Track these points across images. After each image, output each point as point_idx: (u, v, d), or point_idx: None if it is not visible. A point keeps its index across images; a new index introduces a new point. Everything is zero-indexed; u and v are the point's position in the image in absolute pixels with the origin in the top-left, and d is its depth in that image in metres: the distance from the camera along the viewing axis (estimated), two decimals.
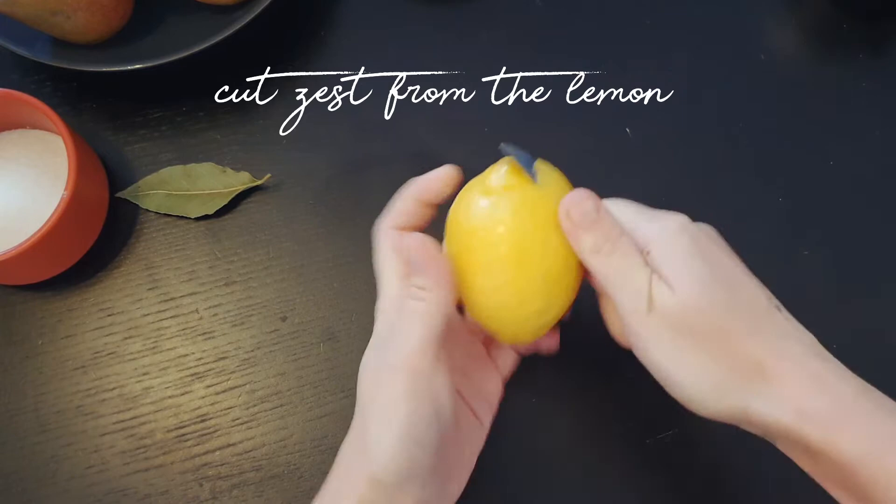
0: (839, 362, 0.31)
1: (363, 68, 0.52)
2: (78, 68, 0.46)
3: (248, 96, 0.51)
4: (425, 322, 0.31)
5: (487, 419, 0.36)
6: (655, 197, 0.45)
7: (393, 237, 0.35)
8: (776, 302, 0.32)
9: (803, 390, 0.29)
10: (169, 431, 0.44)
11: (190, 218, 0.48)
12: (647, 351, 0.31)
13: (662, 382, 0.32)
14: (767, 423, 0.30)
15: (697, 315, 0.30)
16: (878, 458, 0.28)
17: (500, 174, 0.34)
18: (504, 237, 0.33)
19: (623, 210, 0.34)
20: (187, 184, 0.48)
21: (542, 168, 0.35)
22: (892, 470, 0.28)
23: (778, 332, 0.30)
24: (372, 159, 0.50)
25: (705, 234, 0.32)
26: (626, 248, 0.32)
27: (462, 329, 0.37)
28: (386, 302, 0.34)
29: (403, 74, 0.52)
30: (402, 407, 0.30)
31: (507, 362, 0.38)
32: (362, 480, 0.31)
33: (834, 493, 0.30)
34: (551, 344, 0.37)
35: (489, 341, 0.38)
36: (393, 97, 0.51)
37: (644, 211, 0.34)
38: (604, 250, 0.32)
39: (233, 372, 0.45)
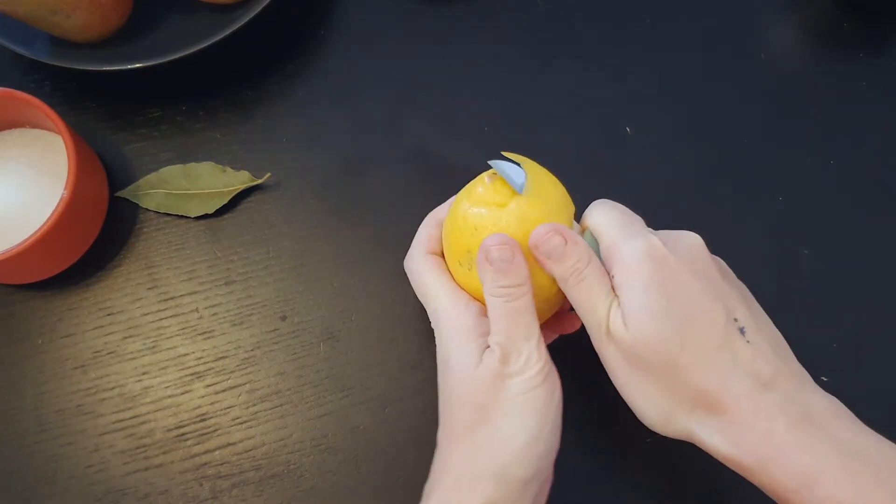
0: (787, 389, 0.32)
1: (363, 68, 0.52)
2: (77, 67, 0.46)
3: (248, 96, 0.51)
4: (531, 315, 0.34)
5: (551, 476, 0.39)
6: (655, 197, 0.45)
7: (431, 261, 0.38)
8: (741, 323, 0.32)
9: (742, 424, 0.31)
10: (169, 431, 0.44)
11: (190, 217, 0.48)
12: (609, 373, 0.34)
13: (625, 400, 0.35)
14: (710, 450, 0.32)
15: (646, 349, 0.32)
16: (809, 489, 0.30)
17: (485, 186, 0.36)
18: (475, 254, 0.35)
19: (605, 220, 0.35)
20: (187, 183, 0.48)
21: (535, 175, 0.36)
22: (822, 498, 0.29)
23: (728, 364, 0.32)
24: (372, 159, 0.50)
25: (676, 257, 0.33)
26: (592, 278, 0.34)
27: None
28: (448, 316, 0.36)
29: (403, 74, 0.52)
30: (537, 395, 0.32)
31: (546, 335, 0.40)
32: (488, 480, 0.31)
33: None
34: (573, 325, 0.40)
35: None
36: (393, 96, 0.51)
37: (625, 225, 0.35)
38: (570, 282, 0.34)
39: (232, 371, 0.45)
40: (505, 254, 0.34)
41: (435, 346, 0.46)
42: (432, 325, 0.37)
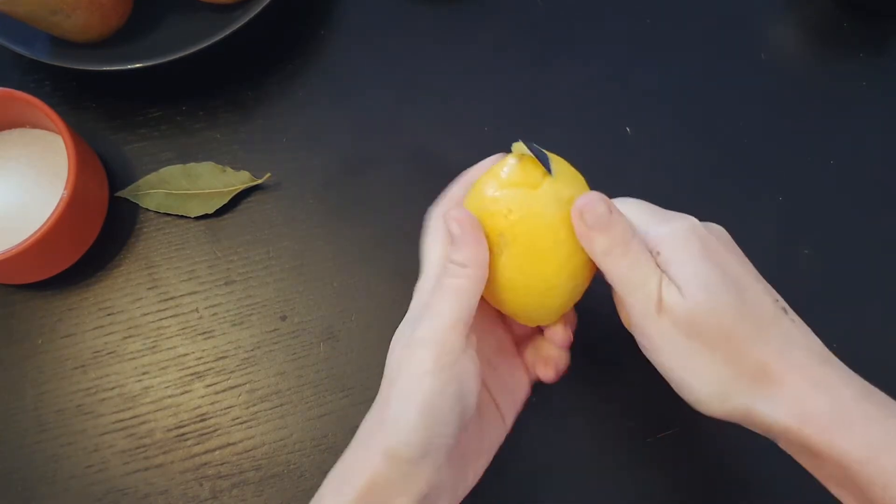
0: (842, 365, 0.31)
1: (363, 68, 0.52)
2: (77, 67, 0.46)
3: (248, 96, 0.51)
4: (459, 298, 0.32)
5: (510, 415, 0.37)
6: (656, 196, 0.45)
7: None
8: (783, 304, 0.32)
9: (805, 394, 0.30)
10: (169, 431, 0.44)
11: (190, 217, 0.48)
12: (655, 352, 0.32)
13: (671, 381, 0.33)
14: (770, 425, 0.31)
15: (706, 319, 0.31)
16: (876, 459, 0.29)
17: (512, 167, 0.34)
18: (519, 230, 0.33)
19: (635, 211, 0.34)
20: (187, 183, 0.48)
21: (557, 162, 0.35)
22: (889, 470, 0.29)
23: (783, 337, 0.31)
24: (372, 159, 0.50)
25: (715, 237, 0.33)
26: (637, 250, 0.32)
27: (494, 323, 0.38)
28: (425, 282, 0.34)
29: (403, 74, 0.52)
30: (426, 381, 0.31)
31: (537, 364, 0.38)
32: (378, 454, 0.31)
33: (834, 491, 0.31)
34: (564, 338, 0.38)
35: (521, 340, 0.39)
36: (393, 96, 0.51)
37: (656, 212, 0.34)
38: (615, 253, 0.32)
39: (232, 371, 0.45)
40: (455, 229, 0.33)
41: None
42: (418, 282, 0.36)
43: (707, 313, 0.31)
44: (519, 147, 0.35)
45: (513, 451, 0.43)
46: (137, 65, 0.46)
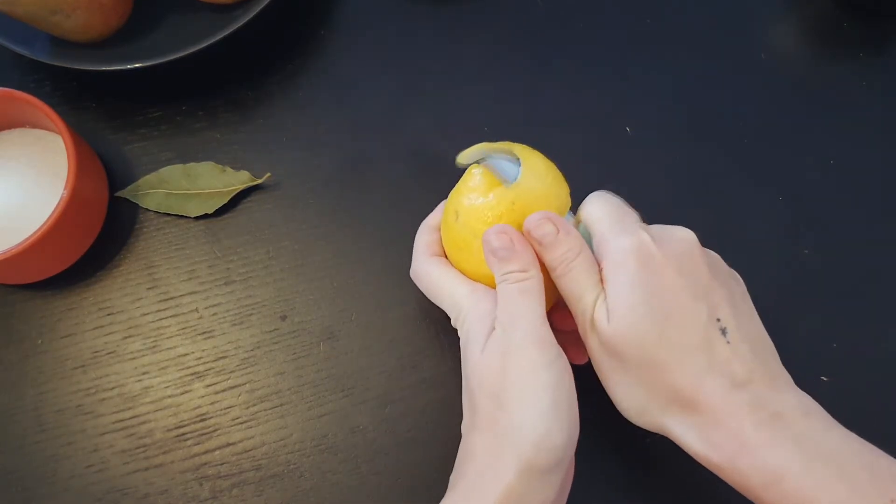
0: (760, 389, 0.32)
1: (363, 68, 0.52)
2: (77, 67, 0.46)
3: (248, 96, 0.51)
4: (534, 299, 0.34)
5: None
6: (655, 197, 0.45)
7: (438, 261, 0.38)
8: (722, 324, 0.33)
9: (713, 423, 0.32)
10: (168, 431, 0.44)
11: (190, 217, 0.48)
12: (591, 360, 0.35)
13: (604, 387, 0.35)
14: (683, 446, 0.33)
15: (625, 345, 0.32)
16: (775, 485, 0.30)
17: (472, 180, 0.37)
18: (469, 244, 0.36)
19: (601, 213, 0.36)
20: (187, 183, 0.48)
21: (528, 165, 0.37)
22: (788, 493, 0.30)
23: (702, 366, 0.32)
24: (372, 159, 0.50)
25: (662, 256, 0.33)
26: (580, 269, 0.34)
27: None
28: (467, 317, 0.35)
29: (403, 74, 0.52)
30: (544, 376, 0.32)
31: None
32: (511, 473, 0.31)
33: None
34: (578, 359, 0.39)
35: None
36: (393, 96, 0.51)
37: (616, 220, 0.35)
38: (558, 270, 0.35)
39: (232, 371, 0.45)
40: (504, 242, 0.34)
41: (436, 345, 0.46)
42: (454, 322, 0.37)
43: (626, 340, 0.32)
44: (466, 157, 0.38)
45: None
46: (137, 65, 0.46)
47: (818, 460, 0.30)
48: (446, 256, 0.39)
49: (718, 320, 0.33)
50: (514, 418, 0.31)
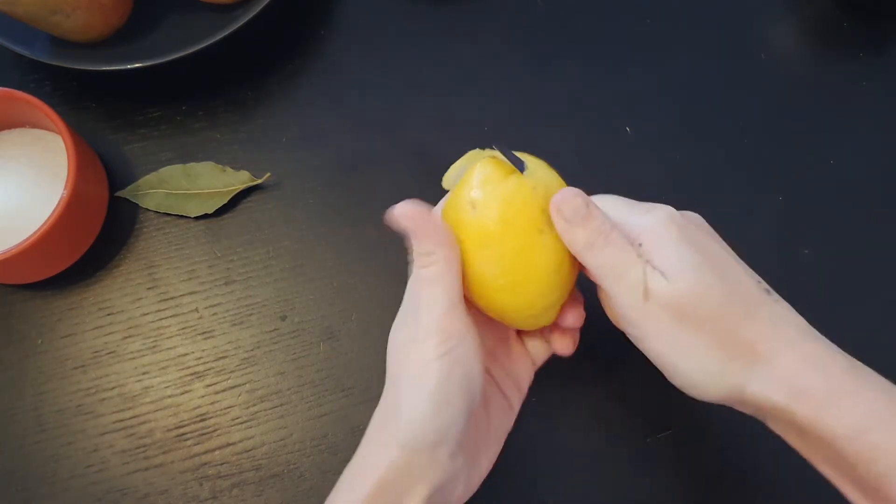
0: (829, 342, 0.32)
1: (363, 68, 0.52)
2: (77, 67, 0.46)
3: (248, 96, 0.51)
4: (442, 284, 0.32)
5: (517, 402, 0.37)
6: (655, 197, 0.45)
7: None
8: (765, 286, 0.33)
9: (795, 371, 0.30)
10: (168, 431, 0.44)
11: (189, 217, 0.48)
12: (645, 340, 0.32)
13: (662, 369, 0.33)
14: (761, 403, 0.31)
15: (693, 301, 0.31)
16: (863, 434, 0.29)
17: (485, 170, 0.34)
18: (494, 233, 0.33)
19: (612, 205, 0.35)
20: (187, 183, 0.48)
21: (531, 162, 0.35)
22: (876, 444, 0.29)
23: (770, 315, 0.31)
24: (372, 159, 0.50)
25: (693, 223, 0.33)
26: (618, 241, 0.32)
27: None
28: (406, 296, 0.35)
29: (403, 74, 0.52)
30: (433, 367, 0.31)
31: (538, 350, 0.39)
32: (393, 447, 0.31)
33: (822, 469, 0.31)
34: (565, 347, 0.38)
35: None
36: (393, 96, 0.51)
37: (633, 205, 0.35)
38: (596, 245, 0.32)
39: (232, 371, 0.45)
40: (416, 220, 0.33)
41: None
42: None
43: (694, 296, 0.31)
44: (476, 155, 0.35)
45: (512, 451, 0.43)
46: (137, 65, 0.46)
47: None
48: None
49: (759, 282, 0.33)
50: (399, 399, 0.31)
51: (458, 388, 0.31)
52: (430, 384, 0.31)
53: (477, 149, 0.36)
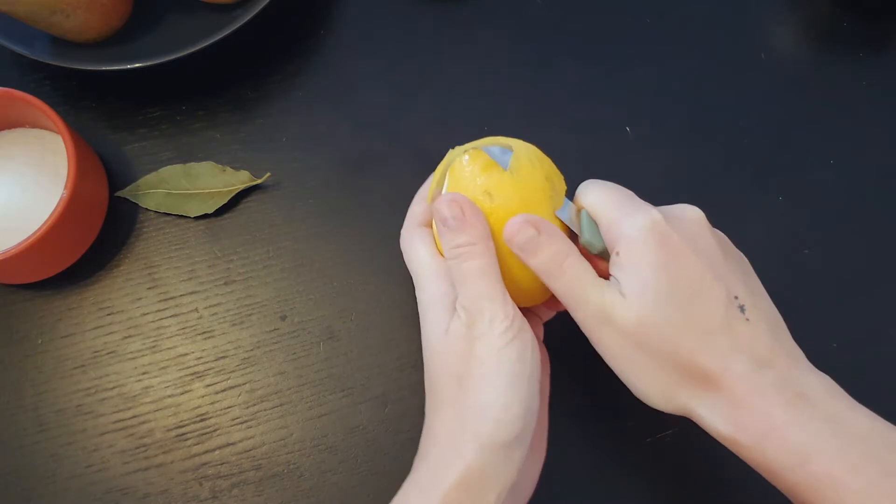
0: (783, 368, 0.32)
1: (363, 68, 0.52)
2: (77, 67, 0.46)
3: (248, 96, 0.51)
4: (493, 275, 0.33)
5: (546, 392, 0.38)
6: (655, 197, 0.45)
7: (421, 232, 0.37)
8: (741, 301, 0.32)
9: (739, 403, 0.31)
10: (168, 430, 0.44)
11: (189, 217, 0.48)
12: (606, 357, 0.34)
13: (621, 379, 0.34)
14: (708, 428, 0.32)
15: (650, 329, 0.32)
16: (804, 465, 0.30)
17: (483, 160, 0.36)
18: (500, 211, 0.35)
19: (601, 198, 0.35)
20: (187, 183, 0.48)
21: (520, 154, 0.36)
22: (816, 475, 0.30)
23: (727, 346, 0.32)
24: (371, 158, 0.50)
25: (679, 234, 0.33)
26: (574, 269, 0.33)
27: None
28: (425, 294, 0.35)
29: (403, 74, 0.52)
30: (506, 353, 0.31)
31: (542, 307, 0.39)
32: (470, 446, 0.31)
33: (782, 491, 0.32)
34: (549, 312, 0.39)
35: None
36: (393, 96, 0.51)
37: (622, 202, 0.34)
38: (550, 274, 0.33)
39: (232, 371, 0.45)
40: (455, 211, 0.33)
41: None
42: (417, 292, 0.37)
43: (651, 326, 0.32)
44: (455, 152, 0.37)
45: None
46: (137, 64, 0.46)
47: (847, 441, 0.30)
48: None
49: (736, 298, 0.32)
50: (477, 398, 0.31)
51: (532, 371, 0.32)
52: (507, 371, 0.31)
53: (455, 147, 0.37)
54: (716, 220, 0.35)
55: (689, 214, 0.34)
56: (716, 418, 0.32)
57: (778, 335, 0.33)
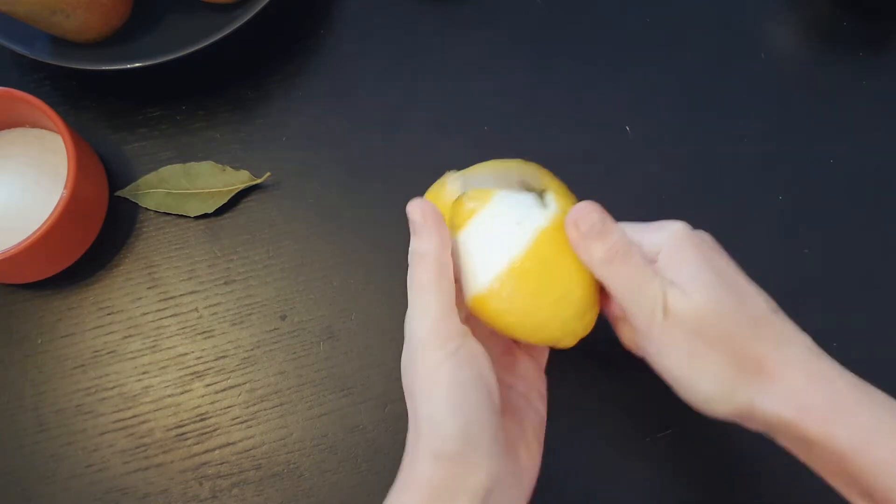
0: (834, 361, 0.32)
1: (363, 68, 0.52)
2: (77, 67, 0.46)
3: (248, 95, 0.51)
4: (434, 289, 0.32)
5: (540, 405, 0.37)
6: (655, 197, 0.45)
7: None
8: (773, 305, 0.33)
9: (802, 387, 0.31)
10: (168, 430, 0.44)
11: (189, 217, 0.48)
12: (661, 356, 0.33)
13: (676, 384, 0.33)
14: (770, 419, 0.32)
15: (709, 319, 0.32)
16: (869, 448, 0.30)
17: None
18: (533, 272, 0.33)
19: (624, 225, 0.35)
20: (187, 182, 0.48)
21: (550, 190, 0.35)
22: (881, 458, 0.30)
23: (779, 335, 0.32)
24: (372, 159, 0.50)
25: (707, 242, 0.34)
26: (636, 257, 0.33)
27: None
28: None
29: (403, 74, 0.52)
30: (442, 370, 0.31)
31: (539, 351, 0.39)
32: (426, 461, 0.31)
33: (830, 480, 0.32)
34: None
35: None
36: (393, 96, 0.51)
37: (643, 225, 0.35)
38: (615, 260, 0.33)
39: (232, 371, 0.45)
40: (416, 216, 0.34)
41: None
42: None
43: (710, 313, 0.32)
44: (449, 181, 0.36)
45: None
46: (137, 64, 0.46)
47: None
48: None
49: (768, 301, 0.33)
50: (421, 412, 0.32)
51: (472, 385, 0.31)
52: (443, 387, 0.31)
53: (449, 172, 0.36)
54: (716, 219, 0.35)
55: (705, 235, 0.35)
56: (780, 405, 0.31)
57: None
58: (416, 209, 0.34)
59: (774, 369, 0.32)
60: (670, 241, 0.33)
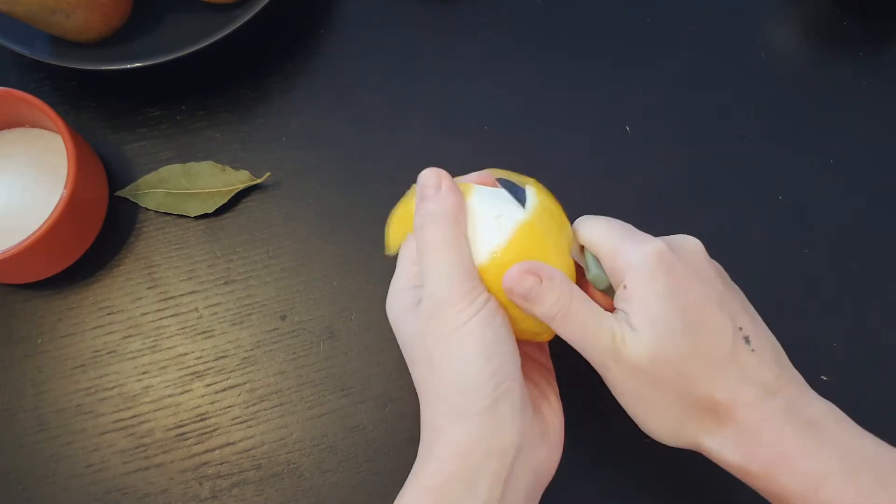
0: (791, 396, 0.32)
1: (363, 68, 0.52)
2: (77, 67, 0.46)
3: (248, 95, 0.51)
4: (447, 244, 0.32)
5: (547, 361, 0.38)
6: (655, 197, 0.45)
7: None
8: (746, 332, 0.33)
9: (751, 434, 0.31)
10: (168, 430, 0.44)
11: (189, 217, 0.48)
12: (615, 394, 0.34)
13: (629, 414, 0.34)
14: (716, 459, 0.33)
15: (661, 364, 0.32)
16: (817, 492, 0.30)
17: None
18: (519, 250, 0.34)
19: (604, 233, 0.34)
20: (187, 182, 0.48)
21: (534, 192, 0.35)
22: (828, 502, 0.30)
23: (736, 374, 0.32)
24: (372, 159, 0.50)
25: (683, 262, 0.33)
26: (579, 313, 0.32)
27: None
28: (394, 281, 0.35)
29: (403, 74, 0.52)
30: (473, 325, 0.31)
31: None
32: (453, 427, 0.31)
33: None
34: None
35: None
36: (393, 96, 0.51)
37: (625, 234, 0.34)
38: (557, 319, 0.33)
39: (232, 371, 0.45)
40: (433, 180, 0.34)
41: None
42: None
43: (662, 359, 0.31)
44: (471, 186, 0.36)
45: None
46: (137, 64, 0.46)
47: (857, 466, 0.30)
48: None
49: (741, 329, 0.32)
50: (442, 373, 0.31)
51: (504, 336, 0.31)
52: (475, 340, 0.31)
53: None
54: (716, 219, 0.35)
55: (690, 245, 0.34)
56: (725, 449, 0.32)
57: (781, 363, 0.33)
58: (431, 174, 0.34)
59: (725, 412, 0.32)
60: (642, 265, 0.32)
